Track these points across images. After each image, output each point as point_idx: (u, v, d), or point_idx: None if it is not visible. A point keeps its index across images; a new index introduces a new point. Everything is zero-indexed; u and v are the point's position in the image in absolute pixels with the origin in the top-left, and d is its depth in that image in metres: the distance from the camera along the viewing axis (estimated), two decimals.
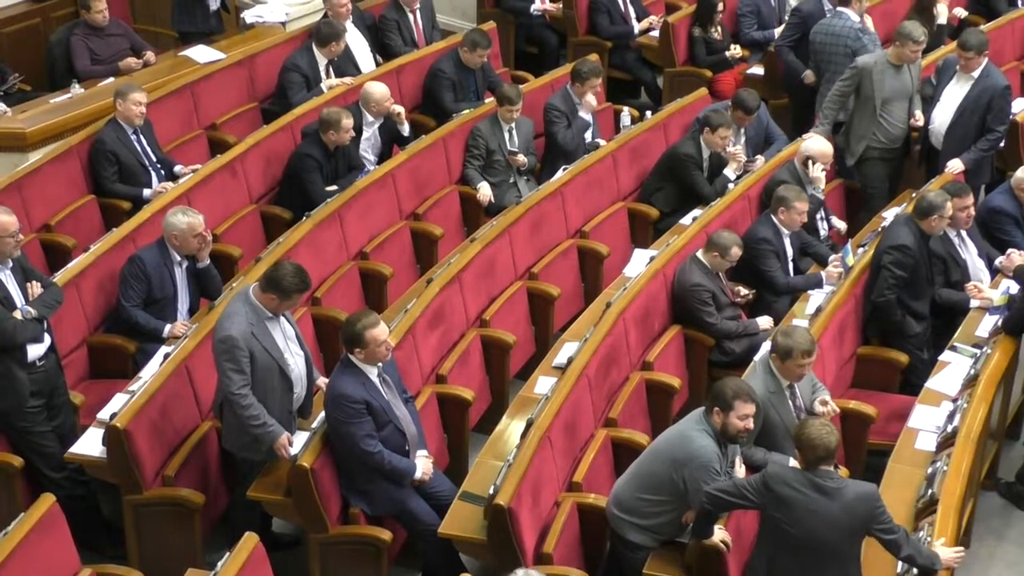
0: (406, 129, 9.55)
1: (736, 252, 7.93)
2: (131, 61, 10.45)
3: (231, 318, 6.56)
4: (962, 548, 6.07)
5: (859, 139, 9.39)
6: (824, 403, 6.77)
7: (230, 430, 6.73)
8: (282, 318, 6.72)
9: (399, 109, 9.47)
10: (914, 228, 7.89)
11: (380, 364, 6.48)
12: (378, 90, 9.38)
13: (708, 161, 9.27)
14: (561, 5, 11.99)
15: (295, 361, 6.74)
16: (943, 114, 9.31)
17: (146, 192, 8.90)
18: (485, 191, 9.40)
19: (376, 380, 6.47)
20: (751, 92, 9.66)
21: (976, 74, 9.17)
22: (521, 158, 9.53)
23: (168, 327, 7.59)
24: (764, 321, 8.06)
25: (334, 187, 8.95)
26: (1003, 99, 9.26)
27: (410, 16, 11.04)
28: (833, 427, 5.87)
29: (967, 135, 9.23)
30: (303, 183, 8.92)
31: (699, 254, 8.02)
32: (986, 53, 9.23)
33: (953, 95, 9.27)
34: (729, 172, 9.21)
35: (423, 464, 6.60)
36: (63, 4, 11.81)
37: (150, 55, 10.60)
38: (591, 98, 9.81)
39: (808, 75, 10.28)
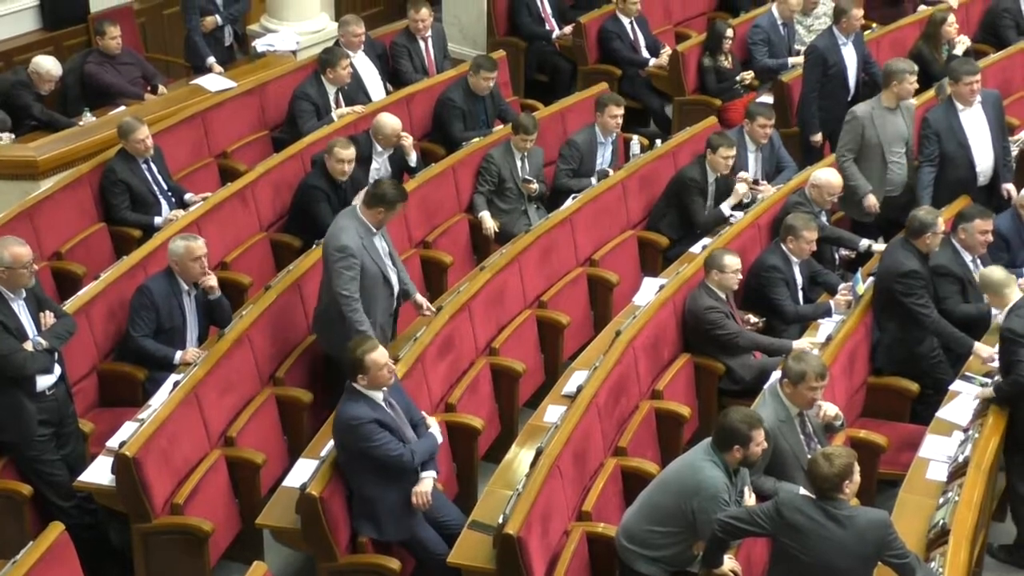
0: (414, 159, 9.56)
1: (730, 260, 7.88)
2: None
3: (345, 231, 7.38)
4: None
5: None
6: None
7: (335, 336, 7.35)
8: (380, 235, 7.53)
9: (408, 141, 9.48)
10: (912, 249, 7.87)
11: (385, 389, 6.51)
12: (389, 123, 9.38)
13: (714, 185, 9.29)
14: (571, 32, 12.02)
15: (393, 271, 7.61)
16: (983, 153, 9.13)
17: (157, 220, 8.93)
18: (488, 222, 9.41)
19: (383, 404, 6.51)
20: (762, 103, 9.74)
21: (980, 97, 9.15)
22: (534, 186, 9.55)
23: (179, 354, 7.60)
24: (802, 342, 7.93)
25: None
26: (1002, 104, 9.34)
27: (421, 44, 11.07)
28: (848, 451, 5.85)
29: (1000, 155, 9.23)
30: (312, 215, 8.93)
31: (706, 280, 8.02)
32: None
33: (977, 129, 9.12)
34: (725, 207, 9.22)
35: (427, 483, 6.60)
36: (76, 33, 11.89)
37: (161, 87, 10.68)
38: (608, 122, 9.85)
39: (817, 139, 10.24)
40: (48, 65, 10.10)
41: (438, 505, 6.72)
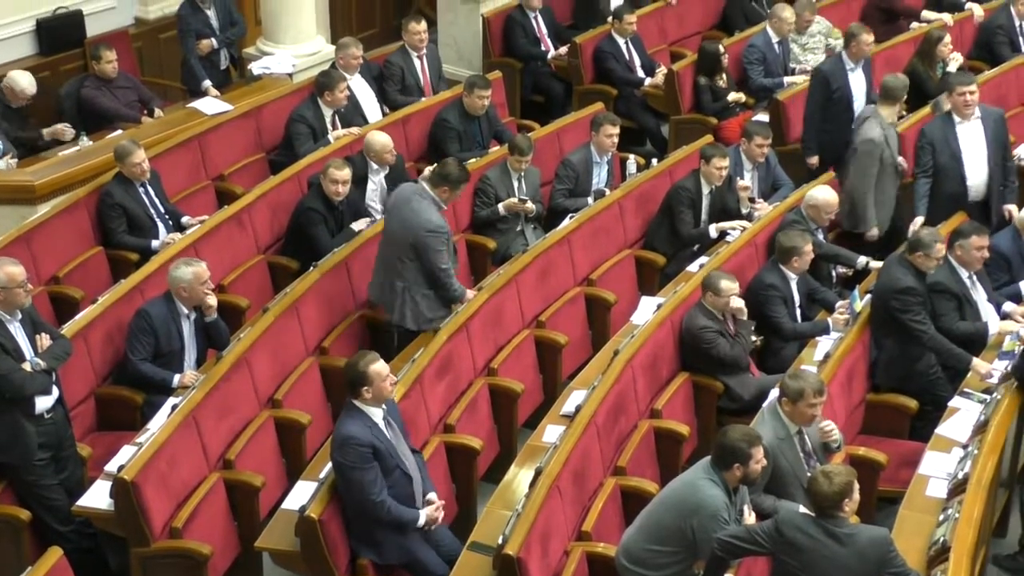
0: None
1: (727, 285, 7.88)
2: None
3: (432, 211, 7.90)
4: None
5: (883, 204, 9.27)
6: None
7: (418, 311, 7.98)
8: None
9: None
10: (909, 266, 7.89)
11: (384, 406, 6.52)
12: (379, 140, 9.39)
13: (709, 198, 9.31)
14: (566, 52, 12.04)
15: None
16: (976, 168, 9.14)
17: (154, 243, 8.93)
18: (511, 200, 9.50)
19: (381, 423, 6.50)
20: (759, 122, 9.75)
21: (979, 112, 9.16)
22: (531, 206, 9.55)
23: (177, 377, 7.60)
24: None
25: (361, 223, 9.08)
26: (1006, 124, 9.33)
27: (416, 63, 11.09)
28: (848, 470, 5.85)
29: (997, 173, 9.22)
30: (309, 237, 8.94)
31: (702, 300, 8.02)
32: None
33: (974, 144, 9.12)
34: (713, 229, 9.24)
35: (428, 511, 6.59)
36: (72, 57, 11.90)
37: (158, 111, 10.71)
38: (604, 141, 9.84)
39: (814, 161, 10.18)
40: (24, 83, 10.09)
41: (434, 529, 6.71)
